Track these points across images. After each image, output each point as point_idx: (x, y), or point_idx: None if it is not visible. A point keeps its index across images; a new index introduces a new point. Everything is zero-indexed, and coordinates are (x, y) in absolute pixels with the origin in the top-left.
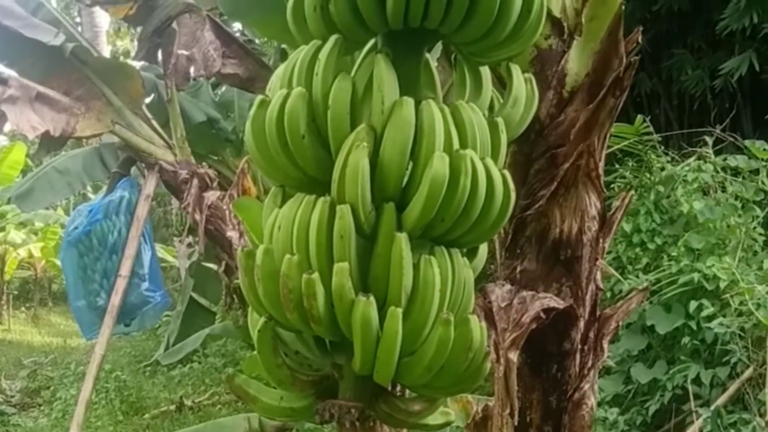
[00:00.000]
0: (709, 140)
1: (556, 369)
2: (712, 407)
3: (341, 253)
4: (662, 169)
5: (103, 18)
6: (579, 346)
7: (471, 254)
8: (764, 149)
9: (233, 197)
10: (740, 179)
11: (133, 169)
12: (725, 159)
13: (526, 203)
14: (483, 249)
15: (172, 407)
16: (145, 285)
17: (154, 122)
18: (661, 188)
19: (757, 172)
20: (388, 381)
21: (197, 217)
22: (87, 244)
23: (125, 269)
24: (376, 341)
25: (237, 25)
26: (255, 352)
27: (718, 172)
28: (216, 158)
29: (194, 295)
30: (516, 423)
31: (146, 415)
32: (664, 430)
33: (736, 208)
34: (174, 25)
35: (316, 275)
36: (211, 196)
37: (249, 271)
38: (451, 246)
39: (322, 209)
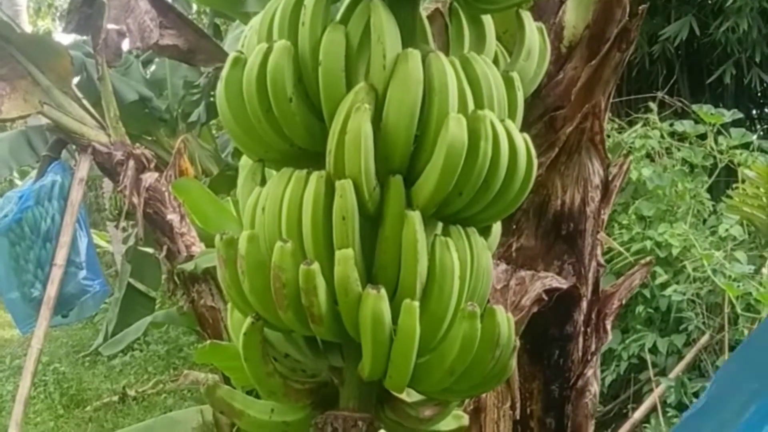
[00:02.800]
0: (654, 106)
1: (558, 355)
2: (671, 375)
3: (343, 238)
4: (608, 136)
5: None
6: (582, 329)
7: (484, 233)
8: (711, 113)
9: (171, 179)
10: (687, 144)
11: (64, 153)
12: (672, 124)
13: None
14: (497, 227)
15: (115, 398)
16: (83, 273)
17: (85, 102)
18: (608, 156)
19: (703, 137)
20: (403, 388)
21: (135, 200)
22: (18, 232)
23: (60, 258)
24: (389, 341)
25: None
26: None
27: (664, 138)
28: (150, 138)
29: (132, 281)
30: (517, 416)
31: (88, 408)
32: (622, 399)
33: (685, 173)
34: None
35: (315, 266)
36: (149, 178)
37: (230, 262)
38: (466, 224)
39: (317, 186)
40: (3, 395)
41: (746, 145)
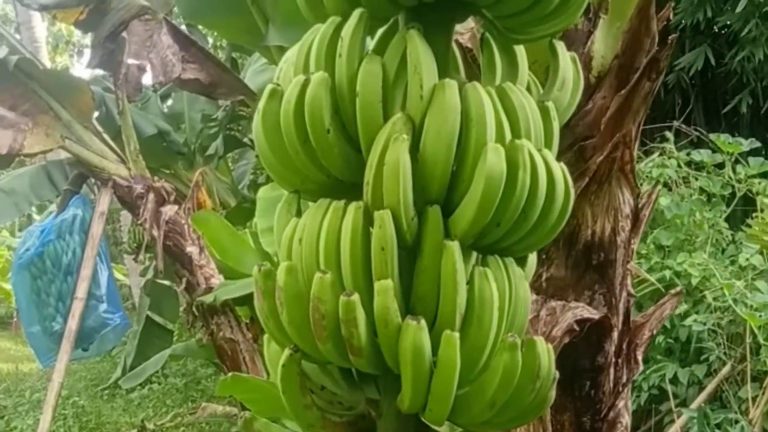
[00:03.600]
0: (670, 135)
1: (590, 386)
2: (692, 405)
3: (383, 269)
4: None
5: (41, 33)
6: (613, 360)
7: (521, 263)
8: (729, 143)
9: (189, 211)
10: (705, 174)
11: (84, 187)
12: (689, 154)
13: None
14: (533, 257)
15: (134, 431)
16: (103, 307)
17: (105, 136)
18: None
19: (721, 166)
20: (443, 420)
21: (155, 233)
22: (40, 266)
23: (81, 291)
24: (429, 373)
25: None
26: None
27: (681, 167)
28: (168, 172)
29: (150, 314)
30: None
31: None
32: (644, 429)
33: (703, 202)
34: (123, 33)
35: (356, 297)
36: (169, 210)
37: (268, 294)
38: (504, 255)
39: (355, 217)
40: (24, 429)
41: (764, 174)
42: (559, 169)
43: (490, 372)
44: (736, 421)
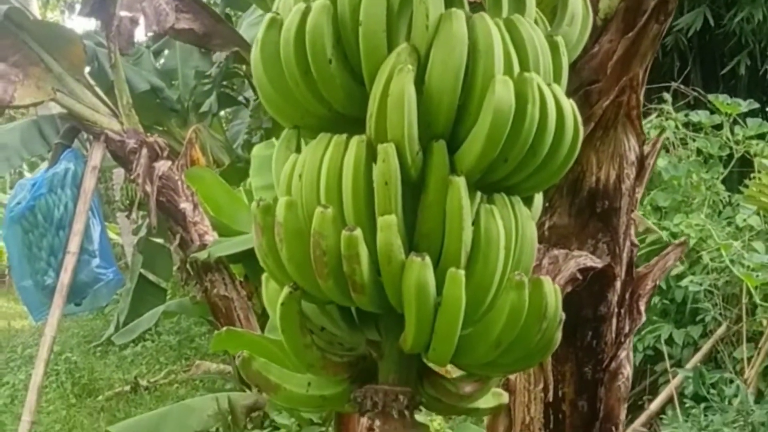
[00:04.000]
0: (668, 97)
1: (591, 336)
2: (687, 366)
3: (386, 204)
4: None
5: None
6: (615, 310)
7: (527, 203)
8: (727, 104)
9: (183, 168)
10: (702, 135)
11: (76, 141)
12: (687, 115)
13: None
14: (539, 197)
15: (127, 388)
16: (96, 261)
17: (97, 89)
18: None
19: (719, 127)
20: (446, 361)
21: (148, 188)
22: (31, 220)
23: (74, 245)
24: (433, 312)
25: None
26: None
27: (679, 128)
28: (161, 129)
29: (143, 271)
30: (549, 399)
31: (100, 397)
32: (637, 391)
33: (701, 164)
34: None
35: (358, 232)
36: (162, 166)
37: (268, 230)
38: (510, 193)
39: (357, 150)
40: (15, 384)
41: (762, 136)
42: (569, 105)
43: (496, 311)
44: (731, 381)
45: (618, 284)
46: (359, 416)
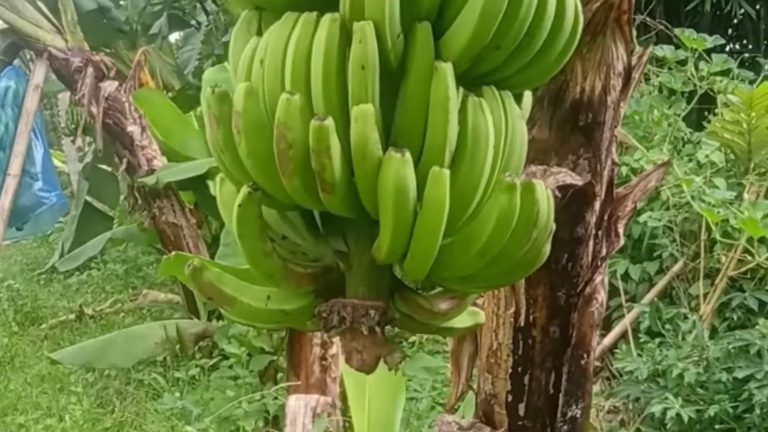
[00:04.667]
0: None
1: (567, 258)
2: (643, 301)
3: (361, 92)
4: None
5: None
6: (593, 232)
7: (517, 102)
8: (693, 38)
9: (131, 90)
10: (666, 70)
11: (18, 61)
12: (651, 49)
13: None
14: (529, 97)
15: (72, 316)
16: (39, 185)
17: (40, 4)
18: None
19: (683, 63)
20: (425, 272)
21: (94, 110)
22: None
23: (15, 167)
24: (412, 216)
25: None
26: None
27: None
28: (108, 51)
29: (89, 199)
30: (520, 324)
31: (44, 325)
32: None
33: (664, 99)
34: None
35: (330, 121)
36: (109, 86)
37: (224, 121)
38: (500, 87)
39: (330, 30)
40: None
41: (726, 72)
42: None
43: (483, 217)
44: (686, 317)
45: (597, 204)
46: (311, 345)
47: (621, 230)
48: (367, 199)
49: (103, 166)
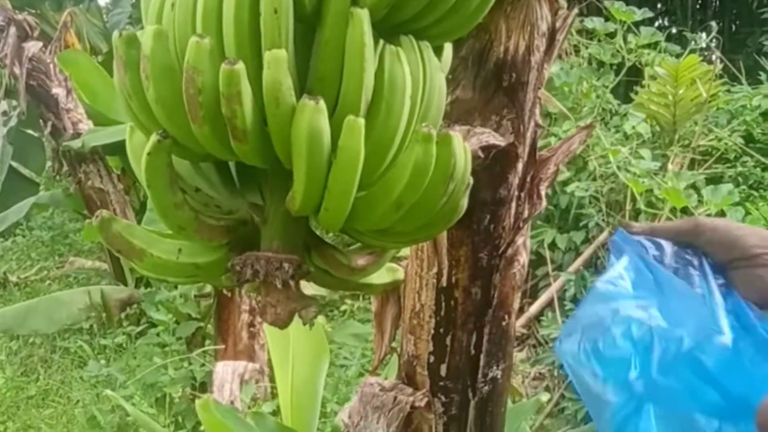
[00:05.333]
0: (563, 2)
1: (489, 220)
2: (569, 269)
3: (274, 37)
4: None
5: None
6: (516, 193)
7: (436, 53)
8: (623, 11)
9: (56, 52)
10: (596, 42)
11: None
12: (581, 21)
13: None
14: (448, 50)
15: None
16: None
17: None
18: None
19: (612, 35)
20: (339, 224)
21: (16, 70)
22: None
23: None
24: (327, 165)
25: None
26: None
27: (573, 35)
28: (33, 12)
29: (14, 164)
30: (442, 284)
31: None
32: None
33: (593, 71)
34: None
35: (240, 65)
36: (32, 47)
37: (132, 65)
38: (418, 38)
39: None
40: None
41: (654, 45)
42: None
43: (399, 167)
44: None
45: (520, 166)
46: (239, 312)
47: (543, 192)
48: (280, 148)
49: (28, 131)
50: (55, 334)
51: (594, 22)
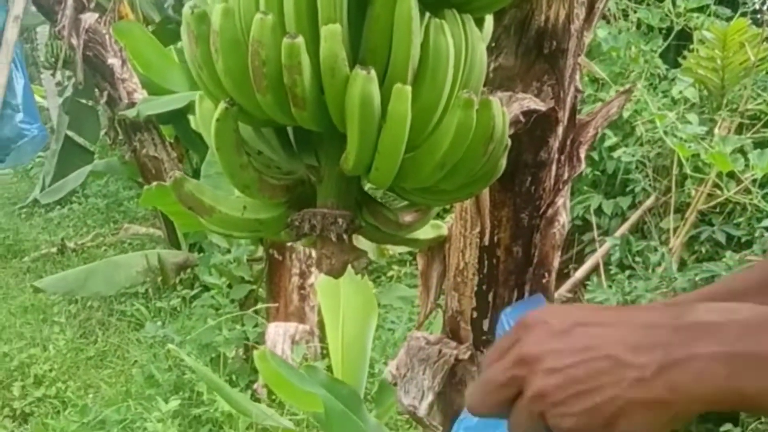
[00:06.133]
0: None
1: (530, 182)
2: (615, 234)
3: (330, 12)
4: None
5: None
6: (556, 156)
7: (478, 25)
8: None
9: (111, 22)
10: (644, 6)
11: None
12: None
13: None
14: (489, 22)
15: (54, 249)
16: (20, 116)
17: None
18: None
19: None
20: (388, 182)
21: (74, 41)
22: None
23: None
24: (377, 128)
25: None
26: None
27: None
28: None
29: (69, 133)
30: (485, 243)
31: (26, 258)
32: (565, 260)
33: (641, 35)
34: None
35: (300, 39)
36: (89, 18)
37: (202, 40)
38: (461, 11)
39: None
40: None
41: (702, 9)
42: None
43: (442, 130)
44: (656, 249)
45: (560, 130)
46: (290, 275)
47: (582, 155)
48: (335, 113)
49: (83, 101)
50: (112, 298)
51: None
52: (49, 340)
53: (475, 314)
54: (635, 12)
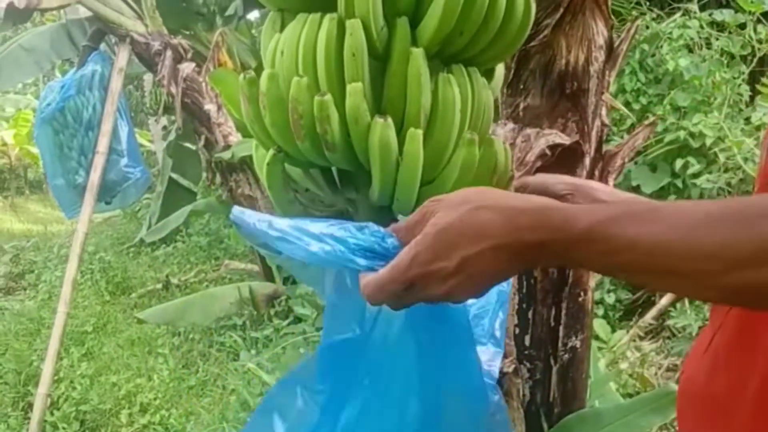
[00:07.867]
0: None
1: None
2: None
3: (354, 73)
4: (647, 27)
5: None
6: None
7: (488, 75)
8: (752, 1)
9: (209, 71)
10: (726, 34)
11: (103, 46)
12: (711, 14)
13: (530, 34)
14: (500, 70)
15: (159, 286)
16: (124, 161)
17: None
18: (645, 47)
19: (743, 26)
20: (409, 209)
21: (173, 89)
22: (61, 120)
23: (102, 146)
24: (396, 166)
25: None
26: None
27: (703, 27)
28: (188, 33)
29: (173, 175)
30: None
31: (133, 295)
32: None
33: (723, 63)
34: None
35: (328, 96)
36: (186, 67)
37: (253, 99)
38: (468, 65)
39: (329, 27)
40: (52, 281)
41: None
42: None
43: (451, 165)
44: None
45: (587, 161)
46: None
47: (611, 183)
48: (361, 154)
49: (185, 144)
50: (212, 330)
51: (724, 15)
52: (154, 371)
53: (517, 330)
54: (717, 39)
